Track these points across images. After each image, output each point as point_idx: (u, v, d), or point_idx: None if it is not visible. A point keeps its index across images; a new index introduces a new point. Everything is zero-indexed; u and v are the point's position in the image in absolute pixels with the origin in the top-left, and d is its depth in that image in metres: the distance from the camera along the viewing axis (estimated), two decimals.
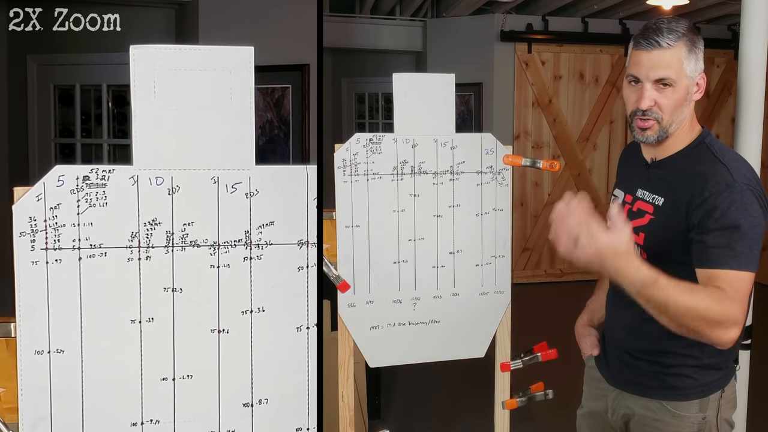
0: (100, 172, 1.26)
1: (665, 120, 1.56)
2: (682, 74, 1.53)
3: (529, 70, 6.23)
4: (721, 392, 1.62)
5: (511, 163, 1.98)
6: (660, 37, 1.52)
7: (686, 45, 1.52)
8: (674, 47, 1.52)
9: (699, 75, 1.56)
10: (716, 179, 1.49)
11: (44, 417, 1.27)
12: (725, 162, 1.52)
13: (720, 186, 1.48)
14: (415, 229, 1.95)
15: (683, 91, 1.54)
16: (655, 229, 1.59)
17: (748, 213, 1.46)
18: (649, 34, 1.53)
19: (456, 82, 1.97)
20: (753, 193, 1.48)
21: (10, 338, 1.30)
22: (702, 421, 1.60)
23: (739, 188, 1.47)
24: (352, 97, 7.41)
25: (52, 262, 1.25)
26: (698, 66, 1.55)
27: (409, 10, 6.31)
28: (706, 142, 1.59)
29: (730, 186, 1.47)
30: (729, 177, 1.48)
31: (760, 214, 1.48)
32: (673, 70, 1.52)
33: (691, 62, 1.53)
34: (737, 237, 1.45)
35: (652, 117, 1.56)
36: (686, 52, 1.52)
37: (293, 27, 4.24)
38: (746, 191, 1.47)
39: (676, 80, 1.53)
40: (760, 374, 2.51)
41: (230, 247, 1.33)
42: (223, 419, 1.35)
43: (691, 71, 1.54)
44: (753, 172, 1.54)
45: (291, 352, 1.40)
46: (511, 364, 2.04)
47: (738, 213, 1.46)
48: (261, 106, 4.69)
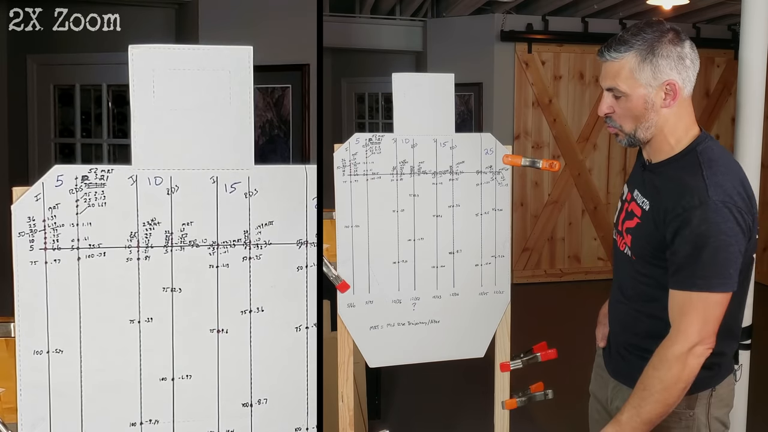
0: (99, 172, 1.26)
1: (625, 128, 1.59)
2: (634, 84, 1.53)
3: (529, 70, 6.23)
4: (711, 390, 1.63)
5: (510, 163, 1.98)
6: (607, 50, 1.55)
7: (638, 56, 1.52)
8: (620, 60, 1.53)
9: (663, 83, 1.53)
10: (691, 194, 1.48)
11: (43, 417, 1.27)
12: (706, 176, 1.50)
13: (693, 202, 1.47)
14: (415, 229, 1.95)
15: (639, 100, 1.54)
16: (639, 233, 1.61)
17: (720, 231, 1.45)
18: (604, 45, 1.57)
19: (456, 82, 1.96)
20: (729, 210, 1.45)
21: (9, 338, 1.30)
22: (690, 417, 1.62)
23: (713, 205, 1.45)
24: (352, 97, 7.41)
25: (51, 262, 1.25)
26: (659, 75, 1.52)
27: (409, 10, 6.31)
28: (698, 150, 1.56)
29: (703, 203, 1.46)
30: (704, 193, 1.46)
31: (736, 232, 1.46)
32: (621, 80, 1.54)
33: (646, 72, 1.52)
34: (707, 257, 1.46)
35: (612, 125, 1.61)
36: (638, 62, 1.52)
37: (293, 27, 4.24)
38: (721, 209, 1.45)
39: (625, 91, 1.54)
40: (760, 374, 2.51)
41: (229, 246, 1.33)
42: (222, 419, 1.35)
43: (646, 81, 1.53)
44: (739, 187, 1.50)
45: (291, 352, 1.40)
46: (511, 364, 2.04)
47: (709, 232, 1.45)
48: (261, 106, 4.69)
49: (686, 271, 1.49)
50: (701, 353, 1.48)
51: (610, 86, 1.57)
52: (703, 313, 1.48)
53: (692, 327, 1.48)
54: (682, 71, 1.53)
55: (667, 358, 1.49)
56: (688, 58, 1.54)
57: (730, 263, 1.47)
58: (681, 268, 1.49)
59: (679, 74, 1.53)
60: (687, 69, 1.54)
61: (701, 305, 1.48)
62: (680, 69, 1.53)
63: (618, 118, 1.59)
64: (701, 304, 1.48)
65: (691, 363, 1.48)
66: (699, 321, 1.48)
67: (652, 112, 1.55)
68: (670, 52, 1.52)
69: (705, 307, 1.48)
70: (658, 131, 1.58)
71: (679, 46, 1.53)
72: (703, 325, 1.48)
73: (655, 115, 1.56)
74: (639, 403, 1.51)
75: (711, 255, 1.45)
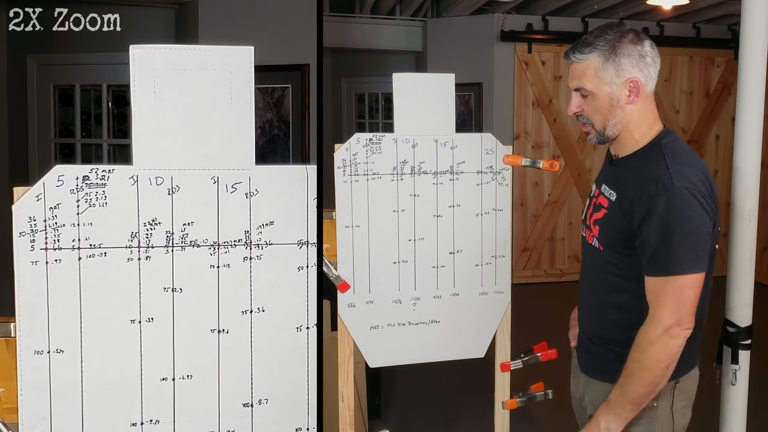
0: (100, 172, 1.26)
1: (597, 125, 1.67)
2: (599, 83, 1.62)
3: (529, 70, 6.23)
4: (675, 383, 1.68)
5: (511, 163, 1.98)
6: (572, 52, 1.65)
7: (601, 56, 1.61)
8: (585, 60, 1.63)
9: (626, 81, 1.62)
10: (656, 183, 1.55)
11: (44, 417, 1.27)
12: (669, 165, 1.57)
13: (658, 189, 1.54)
14: (415, 229, 1.95)
15: (605, 98, 1.63)
16: (606, 222, 1.68)
17: (687, 215, 1.52)
18: (569, 48, 1.67)
19: (456, 82, 1.96)
20: (694, 196, 1.52)
21: (10, 338, 1.30)
22: (653, 407, 1.67)
23: (678, 192, 1.52)
24: (352, 97, 7.41)
25: (52, 262, 1.25)
26: (622, 73, 1.62)
27: (409, 10, 6.31)
28: (662, 143, 1.64)
29: (668, 190, 1.53)
30: (668, 181, 1.53)
31: (702, 215, 1.53)
32: (587, 80, 1.63)
33: (609, 71, 1.61)
34: (677, 243, 1.53)
35: (585, 122, 1.69)
36: (601, 62, 1.61)
37: (293, 27, 4.24)
38: (686, 194, 1.52)
39: (591, 90, 1.63)
40: (760, 374, 2.51)
41: (230, 247, 1.33)
42: (222, 419, 1.35)
43: (610, 79, 1.62)
44: (702, 176, 1.57)
45: (291, 352, 1.40)
46: (511, 364, 2.04)
47: (675, 217, 1.52)
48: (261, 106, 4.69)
49: (658, 258, 1.55)
50: (678, 334, 1.55)
51: (577, 86, 1.66)
52: (676, 296, 1.54)
53: (666, 310, 1.54)
54: (643, 69, 1.62)
55: (644, 341, 1.57)
56: (649, 57, 1.63)
57: (699, 245, 1.53)
58: (653, 256, 1.56)
59: (641, 71, 1.62)
60: (648, 67, 1.63)
61: (674, 288, 1.54)
62: (642, 67, 1.62)
63: (588, 116, 1.67)
64: (674, 287, 1.54)
65: (670, 344, 1.55)
66: (673, 304, 1.54)
67: (617, 109, 1.64)
68: (631, 51, 1.62)
69: (678, 290, 1.54)
70: (624, 127, 1.66)
71: (639, 45, 1.63)
72: (677, 307, 1.54)
73: (620, 111, 1.64)
74: (624, 384, 1.59)
75: (680, 240, 1.52)
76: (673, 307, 1.54)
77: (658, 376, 1.58)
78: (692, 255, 1.53)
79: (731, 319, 2.17)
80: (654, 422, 1.69)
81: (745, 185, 2.14)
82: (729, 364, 2.17)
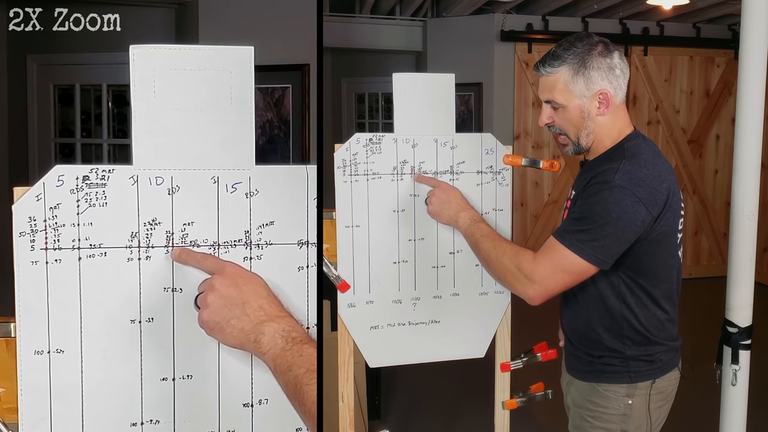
0: (100, 172, 1.26)
1: (571, 136, 1.71)
2: (569, 96, 1.65)
3: (529, 70, 6.23)
4: (651, 382, 1.71)
5: (511, 163, 1.98)
6: (542, 65, 1.68)
7: (571, 69, 1.64)
8: (554, 74, 1.66)
9: (596, 93, 1.64)
10: (603, 174, 1.59)
11: (44, 417, 1.26)
12: (622, 164, 1.59)
13: (599, 179, 1.59)
14: (415, 229, 1.95)
15: (575, 110, 1.66)
16: None
17: (607, 210, 1.55)
18: (539, 61, 1.69)
19: (456, 82, 1.96)
20: (626, 196, 1.55)
21: (9, 338, 1.30)
22: (628, 405, 1.70)
23: (612, 187, 1.55)
24: (352, 97, 7.41)
25: (52, 262, 1.25)
26: (592, 86, 1.64)
27: (409, 10, 6.31)
28: (625, 146, 1.67)
29: (606, 182, 1.57)
30: (611, 176, 1.57)
31: (627, 217, 1.55)
32: (557, 93, 1.66)
33: (579, 83, 1.64)
34: (586, 224, 1.57)
35: (561, 134, 1.73)
36: (571, 75, 1.64)
37: (293, 27, 4.24)
38: (618, 192, 1.55)
39: (561, 102, 1.66)
40: (760, 374, 2.51)
41: (230, 247, 1.33)
42: (223, 419, 1.35)
43: (580, 92, 1.64)
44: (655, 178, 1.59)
45: None
46: (511, 364, 2.04)
47: (598, 206, 1.56)
48: (261, 106, 4.69)
49: (565, 225, 1.63)
50: (529, 289, 1.60)
51: (547, 99, 1.69)
52: (554, 264, 1.58)
53: (543, 267, 1.59)
54: (612, 80, 1.65)
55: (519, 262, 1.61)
56: (618, 68, 1.66)
57: (603, 240, 1.55)
58: (564, 223, 1.65)
59: (610, 83, 1.65)
60: (617, 78, 1.66)
61: (559, 257, 1.58)
62: (611, 78, 1.65)
63: (560, 126, 1.71)
64: (560, 255, 1.58)
65: (515, 285, 1.63)
66: (550, 267, 1.58)
67: (588, 120, 1.67)
68: (600, 64, 1.64)
69: (560, 260, 1.58)
70: (596, 137, 1.69)
71: (608, 58, 1.64)
72: (550, 272, 1.58)
73: (591, 122, 1.67)
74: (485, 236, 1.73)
75: (589, 224, 1.56)
76: (549, 270, 1.58)
77: (491, 268, 1.70)
78: (590, 245, 1.55)
79: (731, 319, 2.18)
80: (629, 419, 1.72)
81: (745, 186, 2.14)
82: (729, 365, 2.17)
